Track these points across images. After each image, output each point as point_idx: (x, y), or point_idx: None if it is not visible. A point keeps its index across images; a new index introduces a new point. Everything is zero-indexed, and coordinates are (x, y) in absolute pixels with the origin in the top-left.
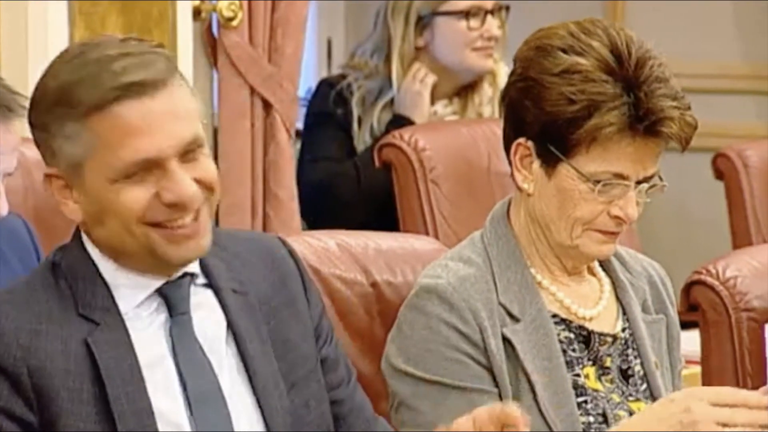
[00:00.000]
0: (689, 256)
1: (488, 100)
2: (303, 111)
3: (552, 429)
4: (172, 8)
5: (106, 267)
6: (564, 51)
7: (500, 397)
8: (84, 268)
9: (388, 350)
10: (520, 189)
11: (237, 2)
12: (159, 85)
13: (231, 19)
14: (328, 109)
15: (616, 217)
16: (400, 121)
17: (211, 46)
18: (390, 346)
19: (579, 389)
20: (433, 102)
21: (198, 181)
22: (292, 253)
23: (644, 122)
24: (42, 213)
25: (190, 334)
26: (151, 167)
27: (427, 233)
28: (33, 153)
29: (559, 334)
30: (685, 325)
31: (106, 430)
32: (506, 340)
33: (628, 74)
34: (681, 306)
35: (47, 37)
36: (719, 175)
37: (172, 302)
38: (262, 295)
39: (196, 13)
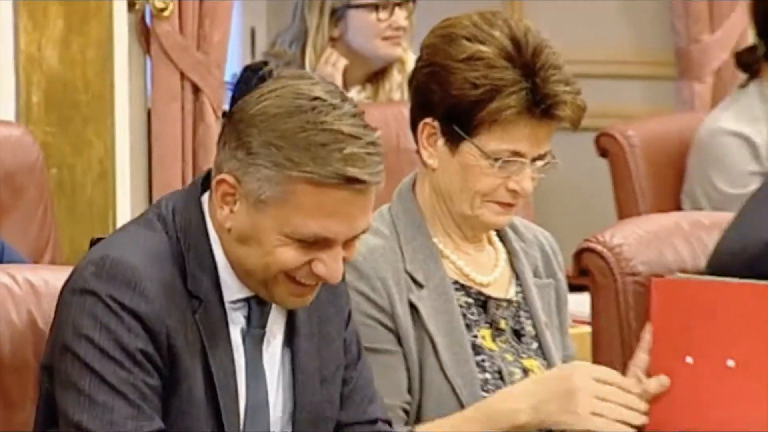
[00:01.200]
0: (578, 226)
1: (397, 86)
2: (229, 95)
3: (453, 386)
4: (109, 0)
5: (219, 256)
6: (468, 39)
7: (405, 357)
8: (200, 245)
9: None
10: (425, 164)
11: None
12: (372, 189)
13: (162, 10)
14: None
15: (513, 191)
16: None
17: (144, 35)
18: None
19: (477, 349)
20: (347, 88)
21: (344, 259)
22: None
23: (541, 106)
24: None
25: (258, 348)
26: (321, 242)
27: None
28: None
29: (459, 300)
30: (577, 289)
31: (209, 406)
32: (412, 306)
33: (527, 61)
34: (572, 271)
35: None
36: (603, 153)
37: (253, 315)
38: (319, 302)
39: (131, 5)
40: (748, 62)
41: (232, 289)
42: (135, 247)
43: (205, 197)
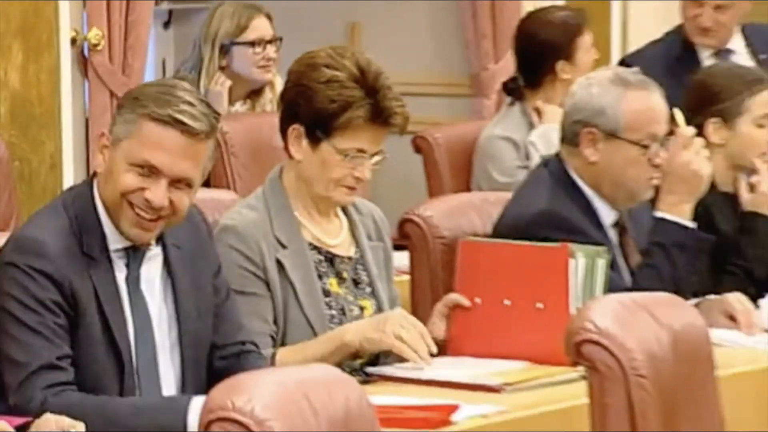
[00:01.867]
0: (400, 203)
1: (269, 101)
2: None
3: (308, 320)
4: (57, 37)
5: (104, 217)
6: (326, 67)
7: (273, 300)
8: (89, 214)
9: None
10: (291, 158)
11: (100, 33)
12: (194, 136)
13: (96, 45)
14: None
15: (357, 178)
16: None
17: (83, 64)
18: None
19: (326, 293)
20: (232, 103)
21: (170, 202)
22: (204, 219)
23: (381, 117)
24: None
25: (138, 288)
26: (153, 173)
27: (228, 189)
28: None
29: (313, 257)
30: (400, 248)
31: (105, 335)
32: (278, 262)
33: (369, 84)
34: (396, 235)
35: None
36: (417, 150)
37: (131, 262)
38: (189, 249)
39: (73, 41)
40: (512, 89)
41: (114, 241)
42: (43, 228)
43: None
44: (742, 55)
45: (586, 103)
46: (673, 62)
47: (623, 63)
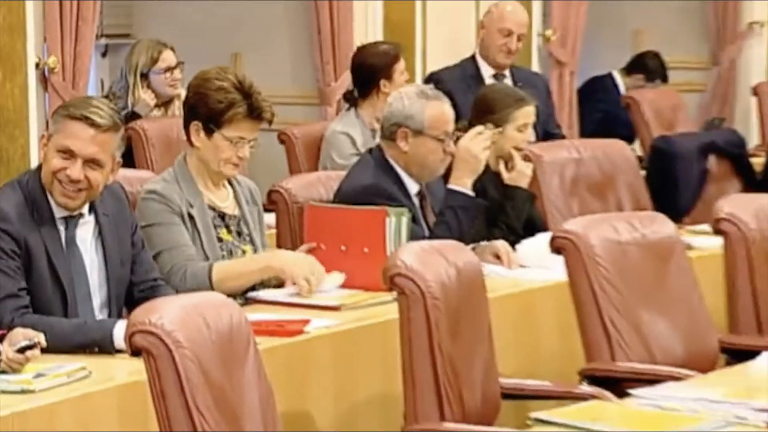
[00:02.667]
0: (268, 179)
1: (178, 108)
2: None
3: (207, 256)
4: (26, 62)
5: (49, 195)
6: (216, 79)
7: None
8: (38, 191)
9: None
10: (193, 146)
11: (56, 59)
12: (99, 128)
13: (53, 68)
14: None
15: (240, 157)
16: (136, 118)
17: (44, 81)
18: (140, 221)
19: (219, 239)
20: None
21: (86, 177)
22: (125, 193)
23: (255, 113)
24: None
25: (75, 245)
26: (71, 156)
27: (147, 169)
28: None
29: (210, 214)
30: (269, 211)
31: (52, 277)
32: (190, 215)
33: (245, 90)
34: (266, 201)
35: None
36: (282, 141)
37: (69, 226)
38: (114, 216)
39: (37, 65)
40: (349, 98)
41: (58, 212)
42: (4, 199)
43: None
44: (509, 79)
45: (399, 110)
46: (466, 80)
47: (430, 78)
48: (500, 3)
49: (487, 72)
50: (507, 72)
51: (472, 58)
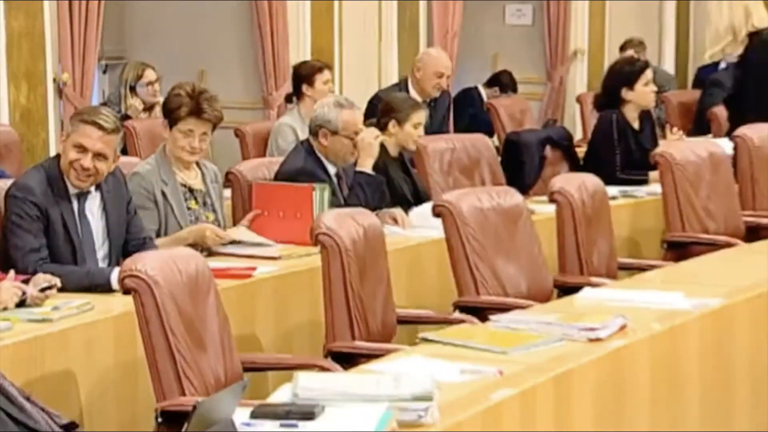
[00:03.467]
0: (227, 163)
1: (158, 111)
2: None
3: (180, 224)
4: (45, 77)
5: (65, 176)
6: (178, 88)
7: (158, 213)
8: (56, 173)
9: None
10: (167, 139)
11: (68, 75)
12: (105, 131)
13: (66, 82)
14: None
15: (193, 147)
16: (128, 119)
17: (59, 92)
18: None
19: (189, 209)
20: (140, 114)
21: (94, 166)
22: (123, 175)
23: (198, 112)
24: None
25: (84, 214)
26: (83, 150)
27: (136, 156)
28: None
29: (182, 190)
30: (227, 187)
31: (66, 236)
32: (163, 192)
33: (194, 95)
34: (224, 180)
35: None
36: (236, 136)
37: (80, 200)
38: (114, 193)
39: (54, 80)
40: (290, 99)
41: (71, 189)
42: (31, 178)
43: None
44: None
45: (321, 115)
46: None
47: (375, 96)
48: (431, 51)
49: (415, 96)
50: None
51: (405, 85)
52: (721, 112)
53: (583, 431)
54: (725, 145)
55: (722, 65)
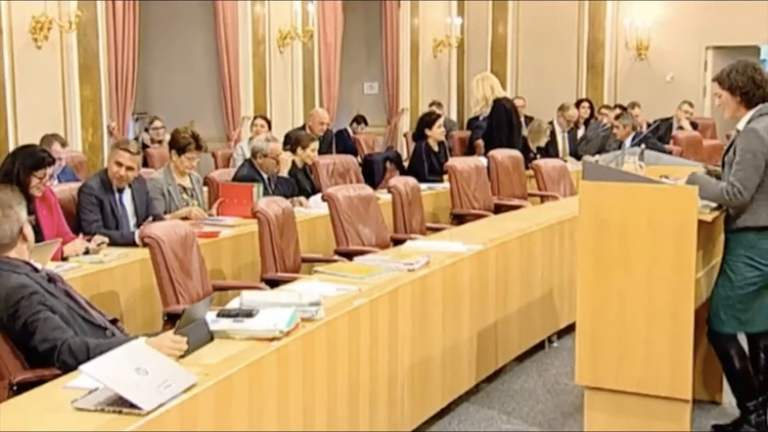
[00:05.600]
0: (205, 173)
1: (164, 145)
2: None
3: (174, 210)
4: (101, 123)
5: (111, 180)
6: (181, 132)
7: (165, 202)
8: (106, 178)
9: None
10: (172, 159)
11: (115, 123)
12: (132, 153)
13: (113, 127)
14: None
15: (193, 166)
16: (147, 148)
17: (109, 133)
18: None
19: (182, 199)
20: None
21: (126, 175)
22: (143, 178)
23: (198, 146)
24: None
25: (122, 200)
26: (120, 165)
27: (154, 168)
28: None
29: (177, 188)
30: (205, 185)
31: (112, 214)
32: (168, 190)
33: (194, 136)
34: (204, 182)
35: None
36: (213, 156)
37: (118, 193)
38: (138, 189)
39: (107, 126)
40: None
41: (114, 187)
42: (92, 180)
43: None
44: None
45: (258, 146)
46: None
47: (288, 134)
48: (318, 109)
49: (311, 133)
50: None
51: (304, 127)
52: (480, 143)
53: (404, 325)
54: (483, 161)
55: (481, 117)
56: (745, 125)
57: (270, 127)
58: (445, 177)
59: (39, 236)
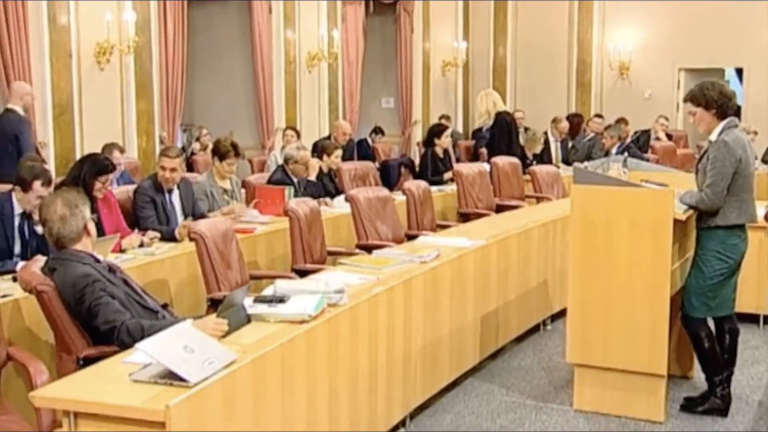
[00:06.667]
0: (243, 176)
1: (208, 152)
2: None
3: (220, 203)
4: (154, 133)
5: (161, 182)
6: (222, 140)
7: (208, 202)
8: (156, 180)
9: None
10: (214, 164)
11: (167, 133)
12: (175, 157)
13: (164, 137)
14: None
15: (232, 170)
16: (194, 155)
17: (161, 143)
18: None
19: (224, 199)
20: (199, 151)
21: (172, 176)
22: (188, 181)
23: (237, 153)
24: None
25: (171, 198)
26: (164, 168)
27: (197, 173)
28: None
29: (219, 190)
30: (244, 188)
31: (163, 210)
32: (211, 192)
33: (233, 145)
34: (242, 185)
35: None
36: (249, 162)
37: (168, 192)
38: (185, 189)
39: (159, 136)
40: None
41: (164, 187)
42: (145, 182)
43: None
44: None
45: (290, 153)
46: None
47: (316, 143)
48: (341, 121)
49: (335, 142)
50: None
51: (329, 137)
52: (483, 151)
53: (417, 310)
54: (486, 166)
55: (484, 129)
56: (717, 136)
57: (299, 137)
58: (446, 176)
59: (100, 232)
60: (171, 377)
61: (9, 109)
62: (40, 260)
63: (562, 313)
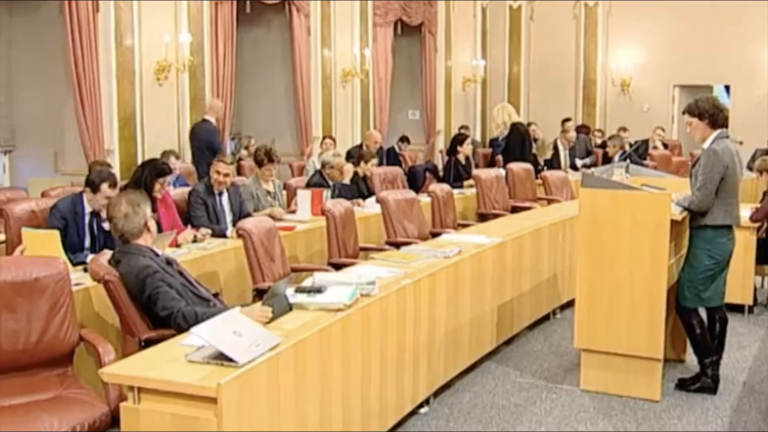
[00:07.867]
0: (284, 180)
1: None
2: None
3: (264, 205)
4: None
5: (213, 185)
6: (259, 148)
7: (254, 202)
8: (210, 183)
9: None
10: (256, 170)
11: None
12: (228, 164)
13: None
14: None
15: (272, 174)
16: (241, 161)
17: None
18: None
19: (267, 200)
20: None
21: (224, 180)
22: (236, 184)
23: (272, 159)
24: None
25: (221, 199)
26: (219, 173)
27: (245, 177)
28: None
29: (263, 192)
30: (284, 190)
31: (213, 210)
32: (257, 194)
33: (268, 151)
34: (284, 187)
35: None
36: (290, 167)
37: (218, 194)
38: (233, 192)
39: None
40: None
41: (215, 190)
42: (199, 186)
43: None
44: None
45: (327, 159)
46: None
47: (350, 151)
48: (372, 131)
49: (367, 150)
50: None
51: (361, 146)
52: (500, 158)
53: (440, 300)
54: (502, 172)
55: (500, 138)
56: (709, 145)
57: (335, 145)
58: (466, 183)
59: (159, 228)
60: (222, 358)
61: (205, 120)
62: (107, 253)
63: (570, 303)
